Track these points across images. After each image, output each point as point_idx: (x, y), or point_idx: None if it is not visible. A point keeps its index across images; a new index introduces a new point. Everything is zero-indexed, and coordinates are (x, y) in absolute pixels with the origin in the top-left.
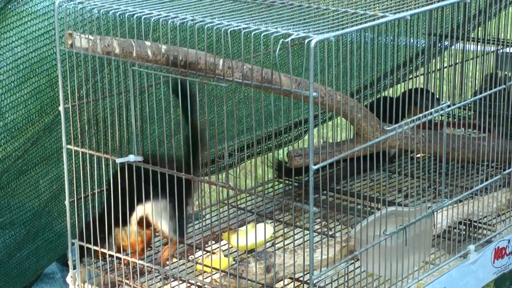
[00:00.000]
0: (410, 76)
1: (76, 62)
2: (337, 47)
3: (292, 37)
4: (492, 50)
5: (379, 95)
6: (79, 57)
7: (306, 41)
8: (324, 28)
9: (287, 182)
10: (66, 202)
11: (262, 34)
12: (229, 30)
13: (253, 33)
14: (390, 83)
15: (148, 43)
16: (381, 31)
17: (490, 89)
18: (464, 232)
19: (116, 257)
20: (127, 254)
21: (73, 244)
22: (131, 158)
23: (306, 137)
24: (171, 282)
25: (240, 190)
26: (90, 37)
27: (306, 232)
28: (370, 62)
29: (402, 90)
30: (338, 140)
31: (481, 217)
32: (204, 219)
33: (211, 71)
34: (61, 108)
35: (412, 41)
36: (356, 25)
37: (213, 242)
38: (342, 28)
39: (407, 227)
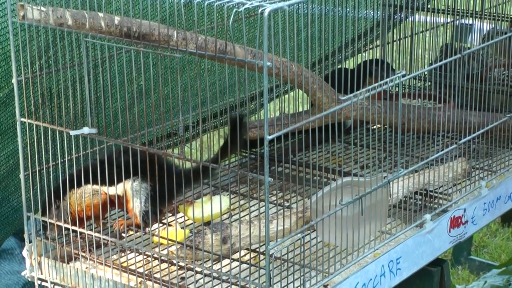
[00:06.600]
0: (367, 48)
1: (29, 34)
2: (292, 18)
3: (245, 6)
4: (448, 21)
5: (336, 67)
6: (32, 30)
7: (260, 10)
8: None
9: (244, 154)
10: (21, 176)
11: (215, 4)
12: (182, 1)
13: (206, 3)
14: (346, 55)
15: (101, 14)
16: (338, 2)
17: (446, 59)
18: (420, 202)
19: (72, 230)
20: (83, 227)
21: (28, 217)
22: (85, 130)
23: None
24: (127, 255)
25: (196, 162)
26: (42, 8)
27: (262, 203)
28: (324, 34)
29: (359, 62)
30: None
31: (437, 187)
32: None
33: (165, 42)
34: (14, 81)
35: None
36: None
37: (170, 214)
38: None
39: (363, 197)
